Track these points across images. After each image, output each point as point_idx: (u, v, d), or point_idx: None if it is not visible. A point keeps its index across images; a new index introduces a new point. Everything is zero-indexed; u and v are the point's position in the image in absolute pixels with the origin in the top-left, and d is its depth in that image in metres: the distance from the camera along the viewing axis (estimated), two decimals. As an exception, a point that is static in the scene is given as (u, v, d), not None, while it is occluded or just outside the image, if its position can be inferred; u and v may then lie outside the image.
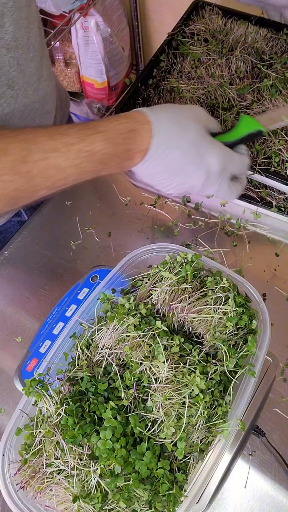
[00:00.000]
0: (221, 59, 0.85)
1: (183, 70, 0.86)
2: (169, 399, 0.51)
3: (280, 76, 0.81)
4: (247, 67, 0.84)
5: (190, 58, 0.87)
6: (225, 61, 0.85)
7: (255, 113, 0.78)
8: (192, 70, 0.85)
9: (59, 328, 0.68)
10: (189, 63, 0.86)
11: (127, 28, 1.57)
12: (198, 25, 0.92)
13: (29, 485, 0.50)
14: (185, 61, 0.87)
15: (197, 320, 0.57)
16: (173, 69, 0.87)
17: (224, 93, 0.81)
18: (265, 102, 0.79)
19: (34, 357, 0.66)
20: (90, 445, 0.50)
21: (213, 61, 0.85)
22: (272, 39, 0.88)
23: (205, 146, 0.59)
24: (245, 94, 0.81)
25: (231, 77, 0.83)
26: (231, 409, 0.53)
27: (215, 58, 0.86)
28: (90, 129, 0.55)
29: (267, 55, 0.85)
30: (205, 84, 0.83)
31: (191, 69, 0.86)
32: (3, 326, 0.72)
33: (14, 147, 0.51)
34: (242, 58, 0.85)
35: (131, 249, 0.64)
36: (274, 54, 0.86)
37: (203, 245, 0.75)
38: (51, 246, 0.79)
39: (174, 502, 0.48)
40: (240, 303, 0.58)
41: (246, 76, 0.84)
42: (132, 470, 0.48)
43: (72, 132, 0.54)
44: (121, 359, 0.56)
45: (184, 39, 0.90)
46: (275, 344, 0.65)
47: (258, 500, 0.57)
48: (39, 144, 0.52)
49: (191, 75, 0.85)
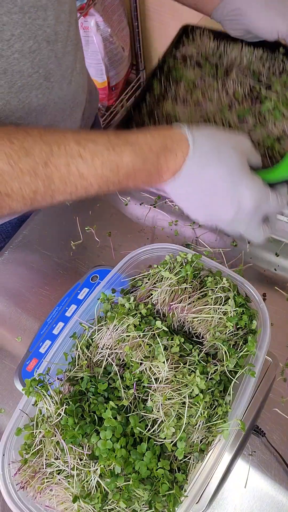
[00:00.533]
0: (217, 83, 0.82)
1: (178, 94, 0.82)
2: (169, 399, 0.51)
3: (282, 97, 0.78)
4: (245, 90, 0.81)
5: (184, 82, 0.83)
6: (222, 85, 0.82)
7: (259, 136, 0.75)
8: (187, 95, 0.81)
9: (59, 328, 0.68)
10: (184, 87, 0.82)
11: (127, 28, 1.57)
12: (190, 48, 0.89)
13: (29, 485, 0.50)
14: (179, 85, 0.83)
15: (197, 320, 0.57)
16: (167, 94, 0.83)
17: (224, 118, 0.77)
18: (268, 125, 0.76)
19: (34, 357, 0.66)
20: (90, 445, 0.50)
21: (208, 85, 0.82)
22: (268, 59, 0.85)
23: (241, 178, 0.54)
24: (246, 117, 0.78)
25: (230, 100, 0.80)
26: (231, 409, 0.53)
27: (211, 82, 0.82)
28: (121, 139, 0.53)
29: (264, 77, 0.83)
30: (203, 109, 0.79)
31: (186, 94, 0.82)
32: (3, 326, 0.72)
33: (38, 147, 0.49)
34: (239, 81, 0.82)
35: (131, 249, 0.64)
36: (272, 75, 0.83)
37: (203, 245, 0.75)
38: (51, 246, 0.79)
39: (174, 502, 0.48)
40: (240, 303, 0.58)
41: (245, 99, 0.80)
42: (132, 470, 0.48)
43: (101, 140, 0.52)
44: (121, 359, 0.56)
45: (176, 64, 0.87)
46: (275, 344, 0.65)
47: (258, 500, 0.57)
48: (64, 147, 0.50)
49: (186, 99, 0.81)
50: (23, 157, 0.48)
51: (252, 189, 0.54)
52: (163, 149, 0.54)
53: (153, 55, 1.73)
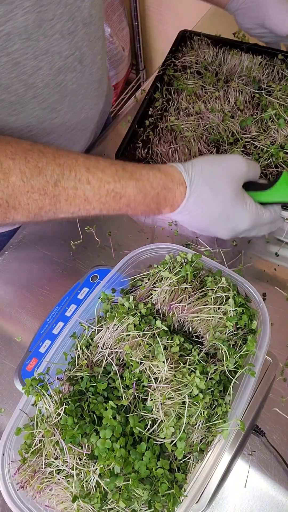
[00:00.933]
0: (218, 92, 0.82)
1: (180, 106, 0.83)
2: (169, 399, 0.51)
3: (283, 104, 0.78)
4: (246, 97, 0.82)
5: (185, 93, 0.83)
6: (223, 93, 0.82)
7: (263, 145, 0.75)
8: (190, 106, 0.82)
9: (59, 328, 0.68)
10: (185, 98, 0.83)
11: (127, 28, 1.57)
12: (189, 57, 0.88)
13: (28, 484, 0.50)
14: (181, 96, 0.84)
15: (197, 320, 0.57)
16: (169, 106, 0.83)
17: (227, 127, 0.78)
18: (272, 132, 0.76)
19: (34, 357, 0.66)
20: (90, 445, 0.50)
21: (210, 94, 0.83)
22: (268, 66, 0.85)
23: (236, 208, 0.60)
24: (249, 125, 0.78)
25: (232, 109, 0.81)
26: (231, 409, 0.53)
27: (212, 91, 0.83)
28: (127, 173, 0.58)
29: (264, 83, 0.83)
30: (206, 120, 0.79)
31: (188, 105, 0.82)
32: (3, 326, 0.72)
33: (51, 168, 0.53)
34: (240, 89, 0.82)
35: (131, 249, 0.64)
36: (271, 82, 0.83)
37: (203, 245, 0.75)
38: (51, 246, 0.79)
39: (173, 502, 0.48)
40: (240, 303, 0.58)
41: (247, 107, 0.81)
42: (131, 470, 0.48)
43: (109, 171, 0.57)
44: (121, 359, 0.56)
45: (176, 73, 0.87)
46: (275, 344, 0.65)
47: (258, 500, 0.57)
48: (75, 172, 0.54)
49: (189, 111, 0.82)
50: (36, 176, 0.52)
51: (245, 220, 0.61)
52: (163, 188, 0.59)
53: (153, 55, 1.73)
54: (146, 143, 0.80)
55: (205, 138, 0.79)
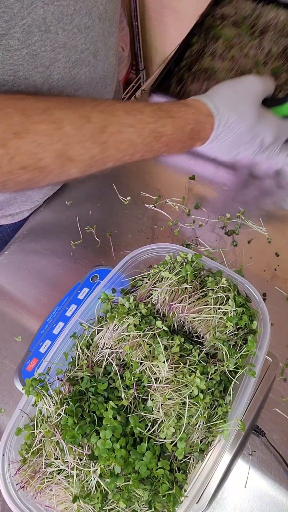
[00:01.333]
0: (253, 41, 0.88)
1: (216, 51, 0.89)
2: (169, 399, 0.51)
3: None
4: (279, 49, 0.87)
5: (222, 40, 0.90)
6: (258, 43, 0.88)
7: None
8: (225, 52, 0.88)
9: (59, 328, 0.68)
10: (222, 44, 0.89)
11: (127, 28, 1.57)
12: (228, 8, 0.94)
13: (29, 485, 0.50)
14: (218, 43, 0.90)
15: (197, 320, 0.57)
16: (206, 50, 0.90)
17: (259, 73, 0.84)
18: None
19: (34, 357, 0.66)
20: (90, 445, 0.50)
21: (245, 43, 0.88)
22: None
23: (261, 128, 0.64)
24: (280, 74, 0.83)
25: (265, 58, 0.86)
26: (231, 409, 0.53)
27: (247, 41, 0.89)
28: (164, 111, 0.59)
29: None
30: (239, 64, 0.85)
31: (223, 51, 0.88)
32: (3, 326, 0.72)
33: (95, 116, 0.53)
34: (274, 41, 0.87)
35: (131, 249, 0.64)
36: None
37: (203, 245, 0.75)
38: (51, 246, 0.79)
39: (174, 502, 0.48)
40: (240, 303, 0.57)
41: (278, 58, 0.86)
42: (132, 470, 0.48)
43: (148, 111, 0.58)
44: (121, 359, 0.56)
45: (214, 23, 0.93)
46: (275, 344, 0.65)
47: (258, 500, 0.57)
48: (117, 117, 0.55)
49: (224, 56, 0.88)
50: (85, 124, 0.53)
51: (270, 128, 0.65)
52: (197, 122, 0.61)
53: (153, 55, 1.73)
54: (180, 81, 0.87)
55: None
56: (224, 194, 0.81)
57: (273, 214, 0.78)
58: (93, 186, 0.85)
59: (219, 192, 0.81)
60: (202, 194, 0.81)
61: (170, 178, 0.84)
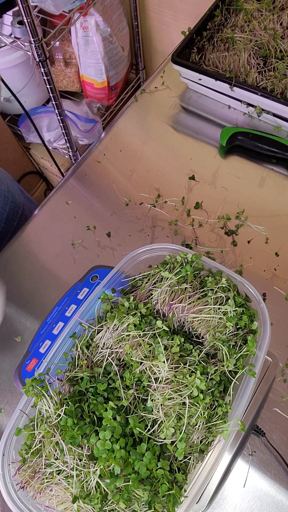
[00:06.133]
0: (272, 16, 0.92)
1: (237, 24, 0.93)
2: (169, 400, 0.51)
3: None
4: None
5: (243, 13, 0.94)
6: (277, 18, 0.91)
7: None
8: (245, 24, 0.92)
9: (59, 328, 0.68)
10: (242, 17, 0.93)
11: (127, 28, 1.57)
12: None
13: (29, 485, 0.50)
14: (239, 15, 0.94)
15: (197, 320, 0.57)
16: (227, 23, 0.94)
17: (277, 45, 0.87)
18: None
19: (34, 357, 0.66)
20: (90, 446, 0.50)
21: (265, 17, 0.92)
22: None
23: None
24: None
25: (283, 31, 0.89)
26: (231, 409, 0.53)
27: (267, 15, 0.93)
28: None
29: None
30: (258, 36, 0.89)
31: (244, 23, 0.93)
32: (3, 326, 0.72)
33: None
34: None
35: (131, 249, 0.64)
36: None
37: (203, 245, 0.75)
38: (51, 246, 0.79)
39: (174, 503, 0.48)
40: (240, 303, 0.57)
41: None
42: (131, 471, 0.48)
43: None
44: (121, 359, 0.56)
45: None
46: (275, 344, 0.65)
47: (258, 500, 0.57)
48: None
49: (244, 28, 0.92)
50: None
51: None
52: None
53: (153, 55, 1.73)
54: (201, 50, 0.93)
55: (255, 51, 0.88)
56: (224, 194, 0.81)
57: (273, 214, 0.77)
58: (93, 186, 0.85)
59: (219, 192, 0.81)
60: (202, 194, 0.81)
61: (170, 178, 0.84)
